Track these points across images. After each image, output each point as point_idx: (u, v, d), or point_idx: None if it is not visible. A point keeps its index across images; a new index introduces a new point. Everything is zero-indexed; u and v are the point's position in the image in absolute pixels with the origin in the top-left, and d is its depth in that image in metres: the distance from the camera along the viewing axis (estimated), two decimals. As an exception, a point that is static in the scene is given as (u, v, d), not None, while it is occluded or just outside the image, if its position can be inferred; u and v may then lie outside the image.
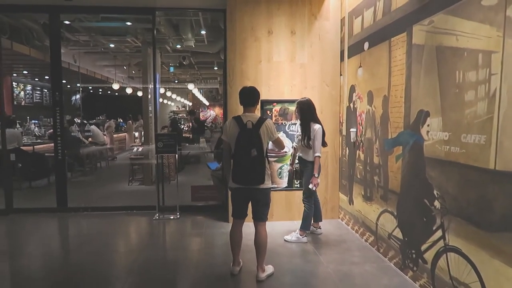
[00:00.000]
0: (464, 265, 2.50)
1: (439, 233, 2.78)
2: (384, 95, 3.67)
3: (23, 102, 14.25)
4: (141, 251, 4.07)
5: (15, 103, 13.44)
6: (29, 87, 14.76)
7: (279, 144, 3.46)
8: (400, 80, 3.35)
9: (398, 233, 3.44)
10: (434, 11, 2.82)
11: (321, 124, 4.17)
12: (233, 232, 3.39)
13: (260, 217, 3.33)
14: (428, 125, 2.92)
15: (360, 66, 4.28)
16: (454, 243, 2.61)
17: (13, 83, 13.48)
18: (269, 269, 3.39)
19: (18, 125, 9.07)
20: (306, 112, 4.15)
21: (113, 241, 4.51)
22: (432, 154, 2.87)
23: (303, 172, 4.27)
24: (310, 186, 4.07)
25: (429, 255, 2.92)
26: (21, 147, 7.56)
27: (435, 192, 2.83)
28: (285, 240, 4.23)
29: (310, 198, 4.22)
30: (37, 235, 4.70)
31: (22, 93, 14.26)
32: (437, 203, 2.81)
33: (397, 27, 3.41)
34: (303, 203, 4.26)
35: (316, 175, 4.08)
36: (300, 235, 4.22)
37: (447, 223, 2.69)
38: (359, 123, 4.36)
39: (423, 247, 3.00)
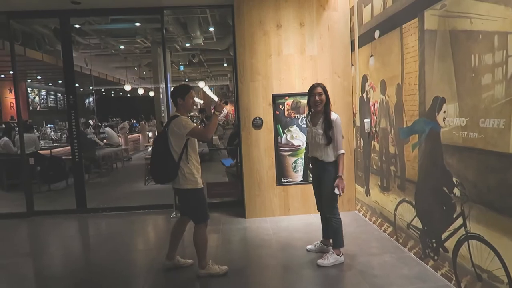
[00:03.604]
0: (487, 252, 2.45)
1: (459, 221, 2.74)
2: (398, 84, 3.61)
3: (38, 107, 14.54)
4: (160, 249, 4.11)
5: (30, 108, 13.72)
6: (43, 92, 15.04)
7: (199, 135, 3.18)
8: (414, 67, 3.29)
9: (417, 223, 3.39)
10: (447, -6, 2.76)
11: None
12: (174, 225, 3.49)
13: (192, 218, 3.32)
14: (444, 112, 2.87)
15: (372, 55, 4.22)
16: (476, 231, 2.57)
17: (28, 88, 13.75)
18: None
19: (35, 130, 9.25)
20: (328, 97, 3.39)
21: (132, 240, 4.58)
22: (449, 141, 2.81)
23: (320, 177, 3.45)
24: (336, 191, 3.29)
25: (450, 244, 2.88)
26: (39, 151, 7.72)
27: (454, 179, 2.78)
28: (319, 266, 3.36)
29: (336, 208, 3.41)
30: (58, 236, 4.81)
31: (37, 98, 14.54)
32: (456, 191, 2.76)
33: (408, 13, 3.34)
34: (328, 216, 3.45)
35: (341, 174, 3.30)
36: (337, 255, 3.41)
37: (467, 211, 2.64)
38: (372, 113, 4.31)
39: (444, 236, 2.95)
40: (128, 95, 18.53)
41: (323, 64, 4.91)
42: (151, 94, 13.94)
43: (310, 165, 3.74)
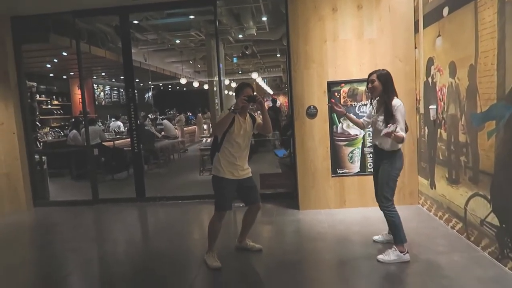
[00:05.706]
0: None
1: (547, 219, 2.39)
2: (471, 65, 3.24)
3: (103, 102, 15.49)
4: (214, 238, 4.15)
5: (96, 103, 14.65)
6: (107, 88, 15.98)
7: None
8: (491, 45, 2.92)
9: (493, 219, 3.04)
10: (534, -43, 2.39)
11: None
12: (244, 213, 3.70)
13: None
14: (529, 94, 2.50)
15: (439, 35, 3.85)
16: None
17: (94, 85, 14.67)
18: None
19: (99, 123, 9.82)
20: (386, 85, 3.22)
21: (187, 229, 4.68)
22: (535, 127, 2.45)
23: (378, 166, 3.33)
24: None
25: (534, 244, 2.53)
26: (103, 143, 8.20)
27: (541, 171, 2.42)
28: (379, 261, 3.18)
29: (390, 201, 3.22)
30: (119, 223, 5.06)
31: (102, 93, 15.49)
32: (544, 184, 2.40)
33: (484, -15, 2.96)
34: (383, 210, 3.25)
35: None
36: (401, 252, 3.16)
37: (558, 207, 2.29)
38: (439, 99, 3.94)
39: (527, 235, 2.60)
40: (184, 88, 19.09)
41: (383, 48, 4.59)
42: (206, 87, 14.22)
43: None
